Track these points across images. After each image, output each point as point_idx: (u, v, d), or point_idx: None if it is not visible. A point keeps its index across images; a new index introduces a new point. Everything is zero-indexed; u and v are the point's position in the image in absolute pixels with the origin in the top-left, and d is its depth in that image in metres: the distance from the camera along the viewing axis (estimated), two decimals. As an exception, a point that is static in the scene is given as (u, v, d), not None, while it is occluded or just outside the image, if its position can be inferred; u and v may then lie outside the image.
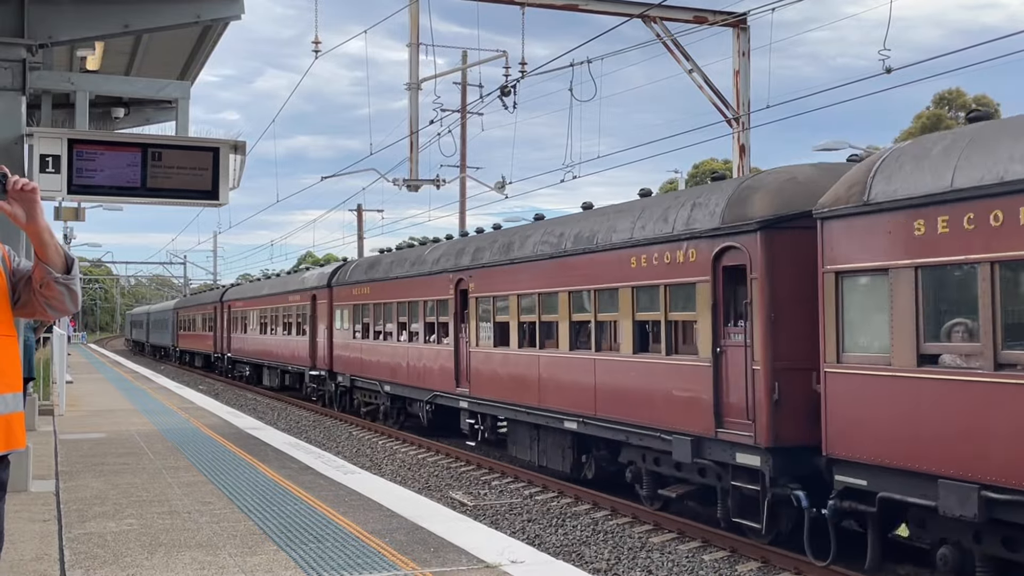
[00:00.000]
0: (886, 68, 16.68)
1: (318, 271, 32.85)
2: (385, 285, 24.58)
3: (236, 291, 46.25)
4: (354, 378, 26.97)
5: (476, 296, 19.05)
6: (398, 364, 23.44)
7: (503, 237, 19.14)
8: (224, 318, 46.21)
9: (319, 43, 25.22)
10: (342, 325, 27.97)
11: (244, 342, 42.00)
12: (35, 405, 17.00)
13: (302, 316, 32.02)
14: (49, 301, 3.80)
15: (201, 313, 53.36)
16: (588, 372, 15.14)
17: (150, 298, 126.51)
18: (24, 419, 3.88)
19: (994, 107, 61.34)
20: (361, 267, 27.60)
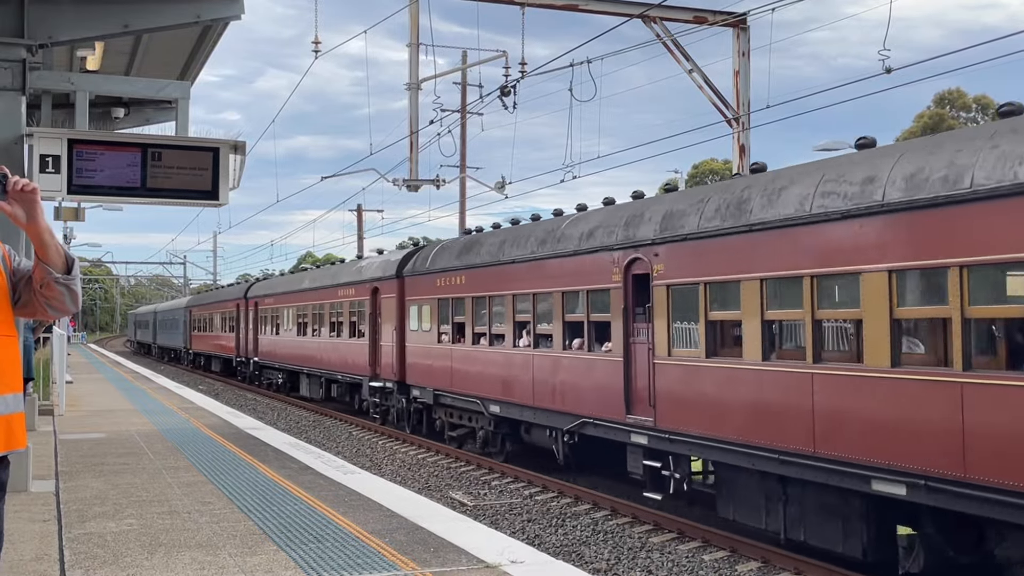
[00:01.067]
0: (886, 68, 16.69)
1: (380, 259, 26.64)
2: (491, 272, 18.69)
3: (265, 286, 40.29)
4: (438, 393, 20.99)
5: (669, 283, 13.24)
6: (514, 378, 17.65)
7: (723, 193, 12.69)
8: (249, 317, 40.55)
9: (319, 43, 25.24)
10: (420, 325, 22.21)
11: (276, 345, 36.28)
12: (35, 405, 17.00)
13: (358, 314, 26.73)
14: (49, 301, 3.80)
15: (220, 311, 47.55)
16: (943, 404, 9.16)
17: (150, 298, 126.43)
18: (24, 419, 3.88)
19: (995, 107, 61.33)
20: (450, 250, 21.28)
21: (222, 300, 47.66)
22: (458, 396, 20.14)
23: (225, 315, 46.07)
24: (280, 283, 37.89)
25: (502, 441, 19.06)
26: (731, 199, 12.29)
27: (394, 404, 24.28)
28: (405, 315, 23.13)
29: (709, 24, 21.91)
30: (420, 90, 26.20)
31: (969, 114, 61.60)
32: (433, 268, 21.62)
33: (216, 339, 48.60)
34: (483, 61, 29.97)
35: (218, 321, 48.00)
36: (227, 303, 45.64)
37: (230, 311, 44.60)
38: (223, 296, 48.39)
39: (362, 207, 50.60)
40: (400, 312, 23.38)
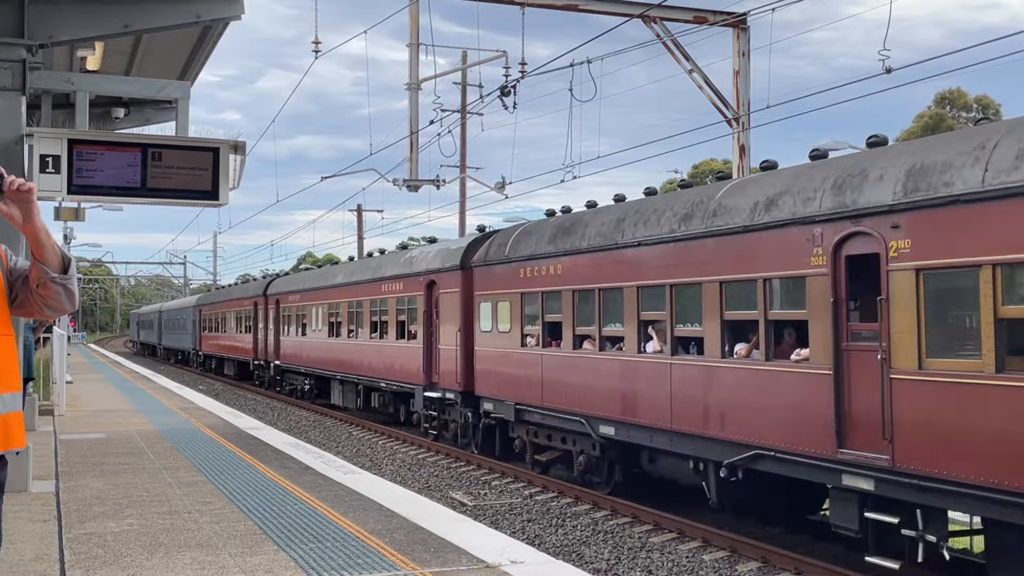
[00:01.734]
0: (886, 68, 16.69)
1: (436, 248, 22.78)
2: (603, 259, 14.88)
3: (288, 282, 36.77)
4: (522, 408, 17.27)
5: (920, 267, 9.57)
6: (639, 392, 13.98)
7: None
8: (270, 316, 37.01)
9: (319, 43, 25.25)
10: (495, 325, 18.40)
11: (302, 347, 32.58)
12: (35, 405, 17.00)
13: (408, 312, 23.12)
14: (46, 301, 3.80)
15: (235, 310, 43.78)
16: None
17: (150, 298, 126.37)
18: (23, 419, 3.88)
19: (995, 107, 61.38)
20: (537, 233, 17.26)
21: (237, 298, 43.67)
22: (551, 413, 16.21)
23: (241, 314, 42.35)
24: (306, 278, 33.97)
25: (610, 469, 15.39)
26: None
27: (456, 419, 20.50)
28: (473, 313, 19.32)
29: (709, 24, 21.91)
30: (420, 90, 26.22)
31: (969, 114, 61.60)
32: (515, 256, 17.50)
33: (230, 340, 44.88)
34: (483, 61, 30.01)
35: (232, 321, 44.37)
36: (243, 301, 41.87)
37: (247, 310, 40.95)
38: (238, 294, 44.28)
39: (362, 207, 50.60)
40: (466, 309, 19.75)
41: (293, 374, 34.49)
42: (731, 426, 12.08)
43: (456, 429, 20.58)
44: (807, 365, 10.89)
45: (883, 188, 9.95)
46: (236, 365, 44.24)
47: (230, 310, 44.86)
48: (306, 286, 32.86)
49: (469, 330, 19.60)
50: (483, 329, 18.92)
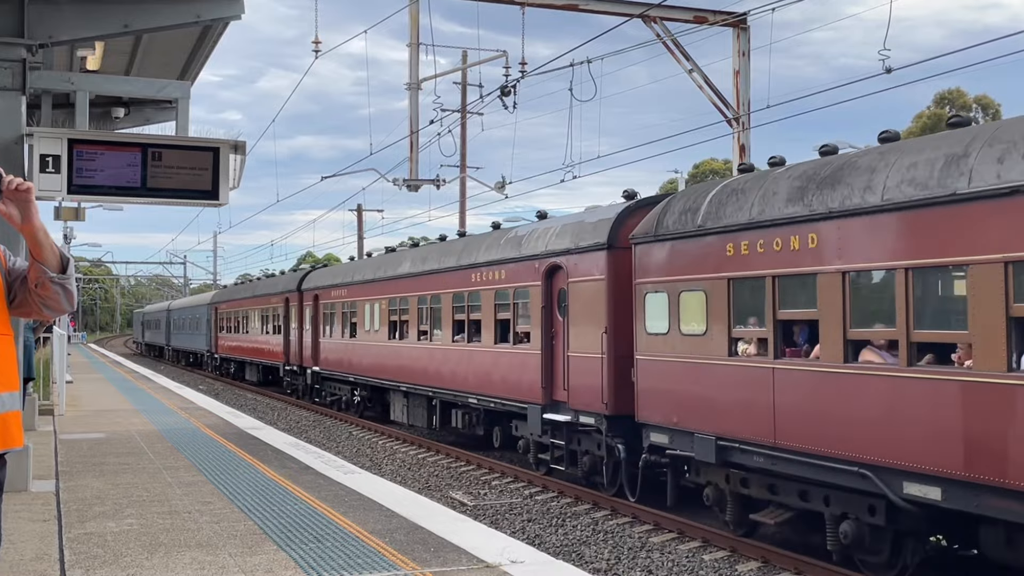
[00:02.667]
0: (886, 68, 16.70)
1: (559, 223, 17.09)
2: (928, 218, 9.37)
3: (329, 274, 31.60)
4: (727, 445, 12.04)
5: None
6: (1012, 436, 8.48)
7: None
8: (306, 315, 32.09)
9: (319, 43, 25.26)
10: (675, 325, 13.17)
11: (351, 351, 27.53)
12: (35, 405, 17.00)
13: (515, 308, 17.76)
14: (45, 301, 3.80)
15: (260, 308, 38.73)
16: None
17: (150, 297, 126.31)
18: (21, 418, 3.88)
19: (995, 107, 61.40)
20: (766, 189, 11.74)
21: (263, 294, 38.38)
22: (791, 455, 10.97)
23: (268, 313, 37.27)
24: (356, 269, 28.73)
25: (896, 547, 10.20)
26: None
27: (593, 450, 15.29)
28: (633, 308, 13.90)
29: (709, 24, 21.91)
30: (420, 90, 26.23)
31: (969, 114, 61.59)
32: (716, 225, 12.35)
33: (254, 342, 39.80)
34: (483, 61, 30.02)
35: (256, 320, 39.27)
36: (271, 298, 36.73)
37: (275, 307, 35.96)
38: (264, 289, 38.90)
39: (362, 207, 50.60)
40: (616, 303, 14.62)
41: (336, 382, 29.37)
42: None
43: (593, 464, 15.49)
44: None
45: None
46: (260, 370, 39.32)
47: (253, 308, 39.97)
48: (357, 278, 27.37)
49: (622, 331, 14.44)
50: (651, 331, 13.56)
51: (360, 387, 27.31)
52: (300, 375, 33.01)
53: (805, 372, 10.86)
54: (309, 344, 31.54)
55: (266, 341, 37.54)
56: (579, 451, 15.81)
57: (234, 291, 47.12)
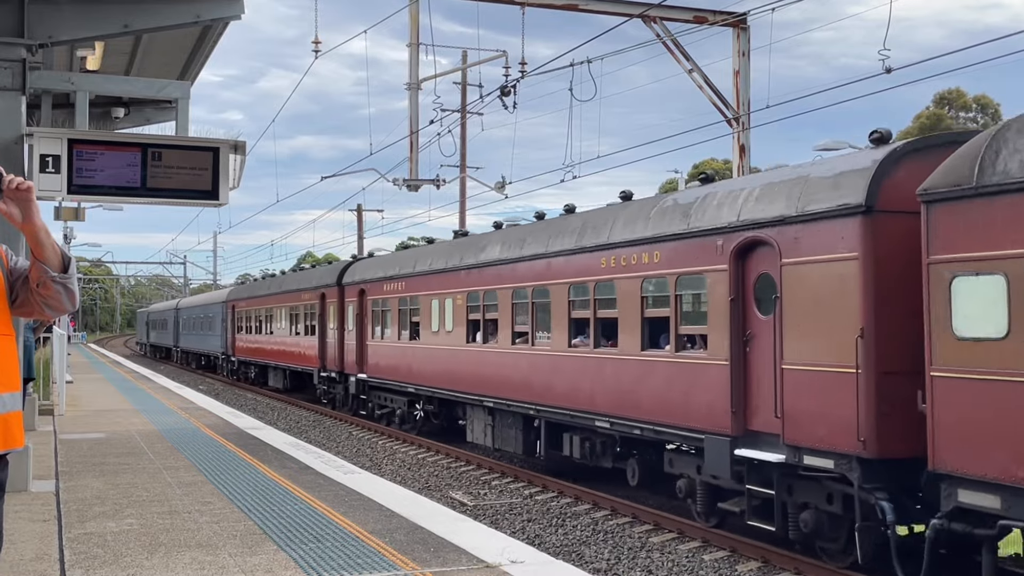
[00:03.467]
0: (886, 68, 16.71)
1: (762, 179, 12.41)
2: None
3: (378, 265, 26.49)
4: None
5: None
6: None
7: None
8: (348, 312, 27.61)
9: (319, 43, 25.26)
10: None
11: (409, 357, 23.01)
12: (35, 405, 17.00)
13: (676, 301, 13.25)
14: (46, 300, 3.80)
15: (287, 306, 34.14)
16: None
17: (150, 297, 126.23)
18: (22, 419, 3.88)
19: (994, 107, 61.43)
20: None
21: (293, 290, 33.80)
22: None
23: (298, 311, 32.73)
24: (417, 257, 23.61)
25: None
26: None
27: (828, 507, 10.80)
28: (929, 299, 9.29)
29: (709, 24, 21.91)
30: (420, 90, 26.22)
31: (969, 114, 61.65)
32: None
33: (280, 344, 35.08)
34: (483, 61, 30.01)
35: (284, 319, 34.70)
36: (303, 294, 32.22)
37: (308, 305, 31.52)
38: (294, 284, 34.22)
39: (362, 207, 50.60)
40: (875, 292, 10.16)
41: (389, 393, 24.88)
42: None
43: (818, 525, 10.95)
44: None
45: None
46: (287, 376, 35.13)
47: (279, 306, 35.27)
48: (419, 268, 22.62)
49: (894, 335, 10.13)
50: (965, 334, 9.04)
51: (423, 399, 22.65)
52: (339, 383, 28.33)
53: None
54: (353, 347, 26.91)
55: (296, 343, 32.76)
56: (788, 503, 11.21)
57: (255, 287, 41.87)
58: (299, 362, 32.66)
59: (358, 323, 26.79)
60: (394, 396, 24.53)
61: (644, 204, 14.90)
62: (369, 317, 26.08)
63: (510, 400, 17.59)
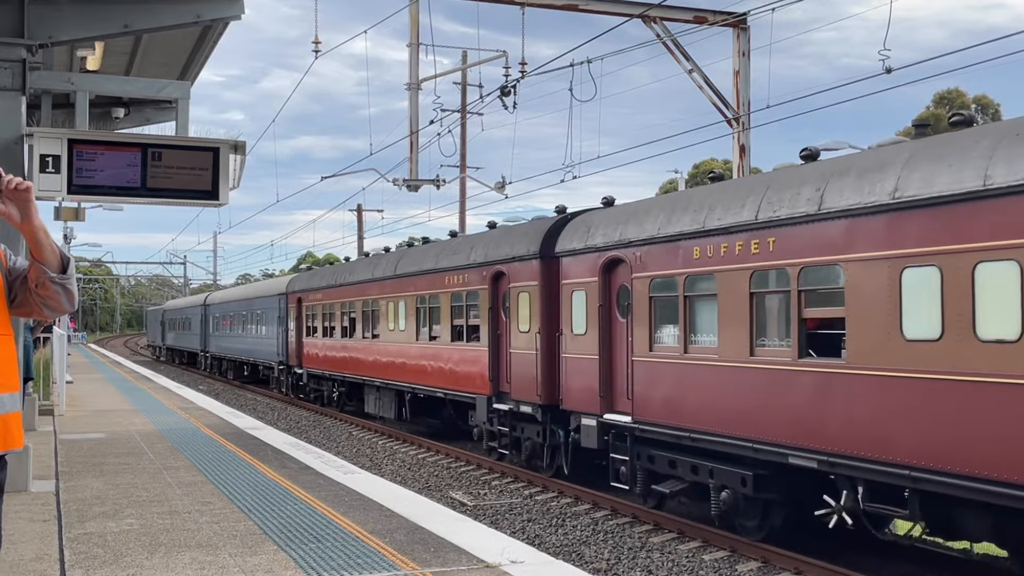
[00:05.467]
0: (886, 68, 16.71)
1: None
2: None
3: (657, 212, 13.85)
4: None
5: None
6: None
7: None
8: (573, 304, 15.73)
9: (319, 43, 25.26)
10: None
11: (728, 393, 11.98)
12: (35, 405, 17.00)
13: None
14: (45, 300, 3.79)
15: (410, 297, 22.98)
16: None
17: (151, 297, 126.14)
18: (21, 419, 3.87)
19: (995, 107, 61.41)
20: None
21: (426, 272, 22.08)
22: None
23: (438, 304, 21.42)
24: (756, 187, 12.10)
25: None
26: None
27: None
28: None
29: (709, 24, 21.91)
30: (420, 90, 26.23)
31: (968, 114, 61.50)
32: None
33: (397, 354, 23.74)
34: (483, 61, 30.01)
35: (403, 317, 23.39)
36: (451, 276, 20.59)
37: (462, 293, 20.01)
38: (428, 261, 22.27)
39: (362, 207, 50.60)
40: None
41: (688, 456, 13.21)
42: None
43: None
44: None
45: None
46: (405, 401, 23.64)
47: (393, 298, 24.06)
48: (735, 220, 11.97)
49: None
50: None
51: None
52: (548, 425, 16.44)
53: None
54: (594, 368, 14.90)
55: (433, 354, 21.43)
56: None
57: (339, 272, 29.92)
58: (442, 383, 20.96)
59: (606, 320, 14.78)
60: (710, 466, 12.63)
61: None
62: (634, 312, 13.97)
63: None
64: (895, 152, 10.34)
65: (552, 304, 16.30)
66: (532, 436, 17.07)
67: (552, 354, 16.23)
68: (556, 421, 16.27)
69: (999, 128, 9.80)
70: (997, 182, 8.72)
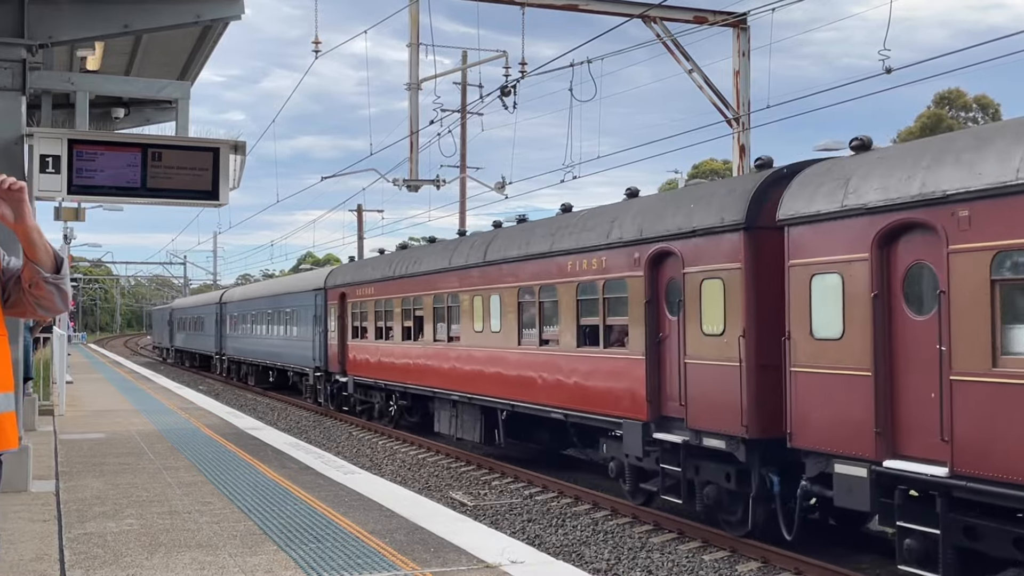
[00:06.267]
0: (886, 68, 16.71)
1: None
2: None
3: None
4: None
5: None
6: None
7: None
8: (817, 296, 10.69)
9: (319, 43, 25.27)
10: None
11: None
12: (35, 405, 16.99)
13: None
14: (39, 301, 3.79)
15: (507, 288, 17.84)
16: None
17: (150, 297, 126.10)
18: (16, 419, 3.86)
19: (995, 107, 61.43)
20: None
21: (535, 256, 16.98)
22: None
23: (553, 296, 16.24)
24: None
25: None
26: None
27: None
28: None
29: (709, 24, 21.91)
30: (420, 90, 26.23)
31: (969, 114, 61.65)
32: None
33: (484, 361, 18.85)
34: (483, 61, 30.00)
35: (494, 313, 18.54)
36: (572, 262, 15.61)
37: (600, 282, 14.80)
38: (538, 242, 17.07)
39: (362, 207, 50.62)
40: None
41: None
42: None
43: None
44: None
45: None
46: (482, 419, 19.19)
47: (488, 290, 18.71)
48: None
49: None
50: None
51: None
52: (758, 468, 11.83)
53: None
54: (863, 389, 10.11)
55: (545, 363, 16.44)
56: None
57: (400, 261, 24.25)
58: (552, 399, 16.15)
59: (888, 321, 10.18)
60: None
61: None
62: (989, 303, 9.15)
63: None
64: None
65: (767, 295, 11.66)
66: (718, 480, 12.36)
67: (766, 367, 11.56)
68: (770, 462, 11.67)
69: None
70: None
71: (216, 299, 49.55)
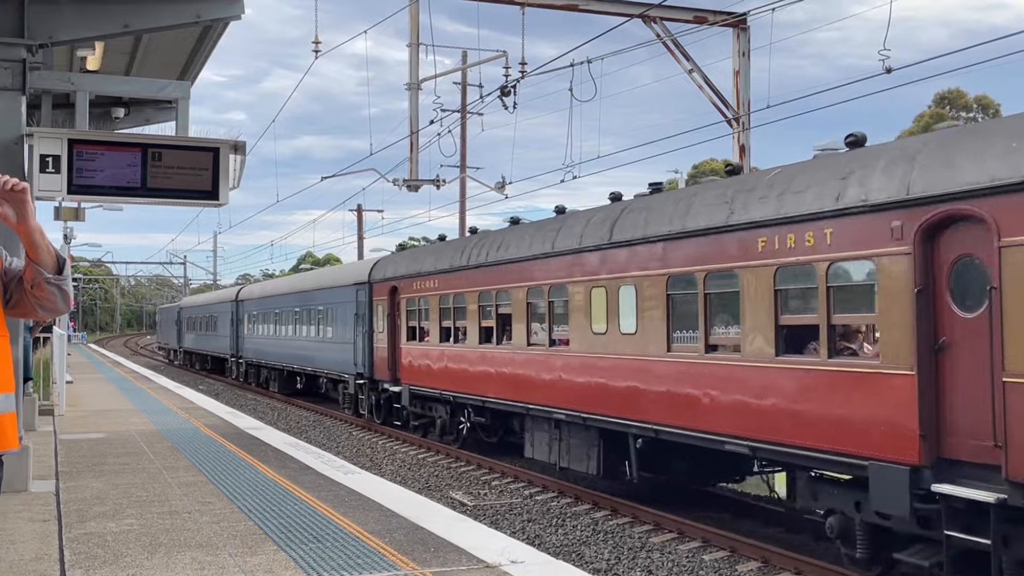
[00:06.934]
0: (886, 68, 16.71)
1: None
2: None
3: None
4: None
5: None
6: None
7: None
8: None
9: (319, 43, 25.27)
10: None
11: None
12: (35, 405, 16.98)
13: None
14: (41, 301, 3.79)
15: (614, 282, 14.30)
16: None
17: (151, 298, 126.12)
18: (16, 420, 3.87)
19: (995, 107, 61.44)
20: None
21: (676, 234, 12.98)
22: None
23: (742, 284, 11.67)
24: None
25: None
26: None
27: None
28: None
29: (709, 24, 21.92)
30: (420, 90, 26.23)
31: (969, 114, 61.64)
32: None
33: (612, 374, 14.36)
34: (483, 61, 30.01)
35: (625, 310, 14.14)
36: (757, 237, 11.38)
37: (804, 264, 10.70)
38: (669, 218, 13.31)
39: (362, 207, 50.63)
40: None
41: None
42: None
43: None
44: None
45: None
46: (603, 446, 15.00)
47: (614, 280, 14.45)
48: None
49: None
50: None
51: None
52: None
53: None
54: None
55: (714, 376, 12.23)
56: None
57: (475, 246, 19.87)
58: (726, 425, 11.99)
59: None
60: None
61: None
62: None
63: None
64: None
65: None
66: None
67: None
68: None
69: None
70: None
71: (232, 296, 44.77)
